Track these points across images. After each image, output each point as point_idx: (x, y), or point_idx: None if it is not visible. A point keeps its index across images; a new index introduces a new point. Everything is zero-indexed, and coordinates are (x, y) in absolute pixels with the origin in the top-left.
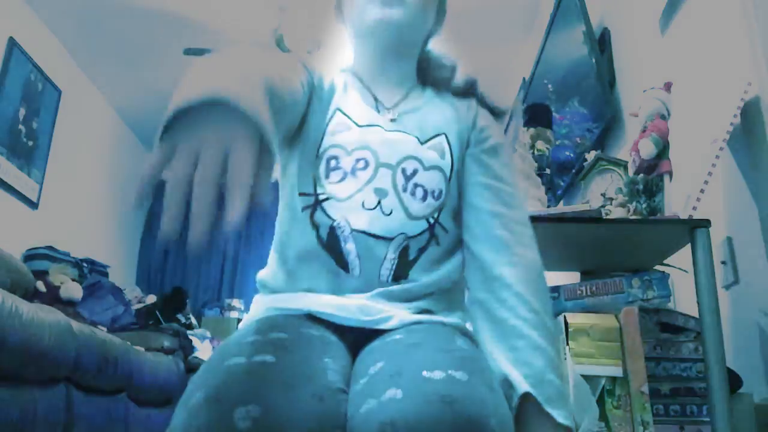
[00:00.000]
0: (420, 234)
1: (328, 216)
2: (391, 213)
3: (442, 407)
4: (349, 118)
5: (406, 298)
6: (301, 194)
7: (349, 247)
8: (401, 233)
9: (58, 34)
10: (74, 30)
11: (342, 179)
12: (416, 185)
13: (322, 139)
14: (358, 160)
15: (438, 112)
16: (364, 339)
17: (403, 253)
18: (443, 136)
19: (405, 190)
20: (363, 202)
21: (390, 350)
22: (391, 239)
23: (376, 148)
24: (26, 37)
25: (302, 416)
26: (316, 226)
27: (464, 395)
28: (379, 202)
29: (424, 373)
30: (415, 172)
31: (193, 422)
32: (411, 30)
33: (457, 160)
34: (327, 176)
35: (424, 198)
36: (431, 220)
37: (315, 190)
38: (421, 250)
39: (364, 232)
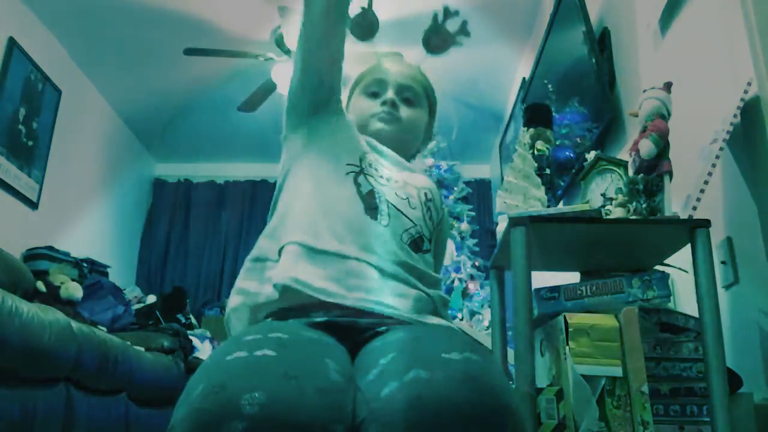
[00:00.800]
0: (428, 238)
1: (370, 183)
2: (416, 208)
3: (467, 383)
4: (380, 153)
5: (417, 279)
6: (348, 165)
7: (383, 207)
8: (419, 226)
9: (58, 34)
10: (74, 30)
11: (378, 178)
12: (429, 208)
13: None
14: (389, 177)
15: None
16: (362, 341)
17: (420, 238)
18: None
19: (424, 205)
20: (396, 192)
21: (398, 344)
22: (414, 224)
23: (404, 177)
24: (26, 37)
25: (306, 406)
26: (357, 184)
27: (483, 373)
28: (407, 197)
29: (443, 354)
30: (430, 200)
31: (198, 410)
32: (403, 141)
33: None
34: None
35: (431, 219)
36: (430, 235)
37: (360, 162)
38: (427, 251)
39: (396, 207)
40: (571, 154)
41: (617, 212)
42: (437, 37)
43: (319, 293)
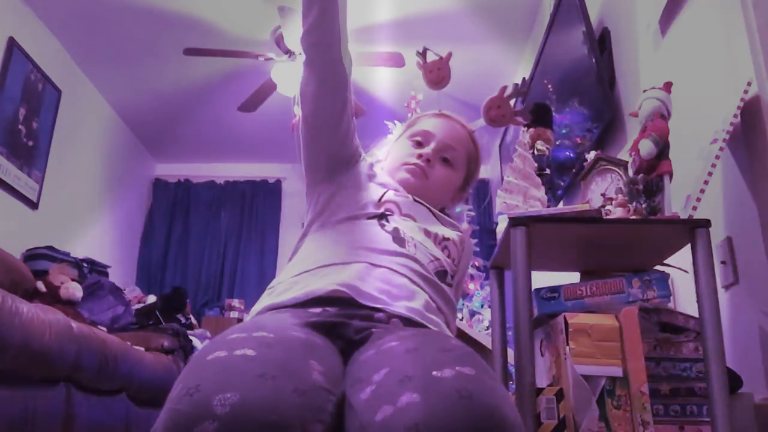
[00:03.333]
0: (450, 275)
1: (393, 223)
2: (436, 246)
3: (461, 402)
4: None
5: (440, 299)
6: (371, 215)
7: (409, 239)
8: (441, 260)
9: (58, 34)
10: (74, 30)
11: (399, 218)
12: (446, 246)
13: (381, 198)
14: (409, 217)
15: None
16: (354, 344)
17: (444, 272)
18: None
19: (441, 243)
20: (417, 228)
21: (390, 357)
22: (438, 258)
23: (424, 223)
24: (26, 37)
25: (282, 406)
26: (381, 224)
27: (477, 387)
28: (428, 236)
29: (434, 373)
30: (447, 239)
31: (173, 411)
32: (422, 196)
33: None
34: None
35: (449, 257)
36: (452, 273)
37: (382, 209)
38: (449, 284)
39: (419, 241)
40: (571, 154)
41: (617, 212)
42: (498, 111)
43: (341, 285)
